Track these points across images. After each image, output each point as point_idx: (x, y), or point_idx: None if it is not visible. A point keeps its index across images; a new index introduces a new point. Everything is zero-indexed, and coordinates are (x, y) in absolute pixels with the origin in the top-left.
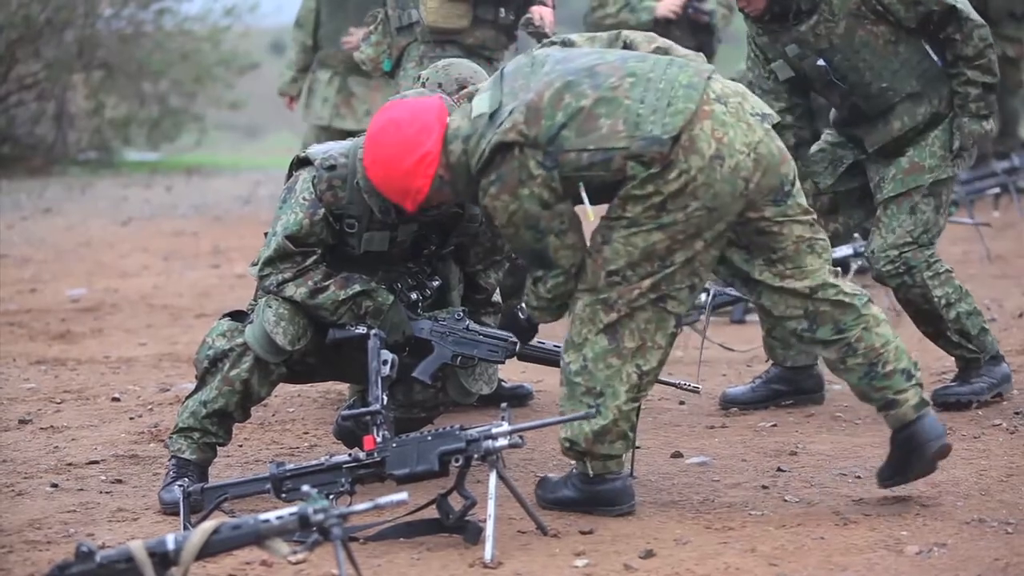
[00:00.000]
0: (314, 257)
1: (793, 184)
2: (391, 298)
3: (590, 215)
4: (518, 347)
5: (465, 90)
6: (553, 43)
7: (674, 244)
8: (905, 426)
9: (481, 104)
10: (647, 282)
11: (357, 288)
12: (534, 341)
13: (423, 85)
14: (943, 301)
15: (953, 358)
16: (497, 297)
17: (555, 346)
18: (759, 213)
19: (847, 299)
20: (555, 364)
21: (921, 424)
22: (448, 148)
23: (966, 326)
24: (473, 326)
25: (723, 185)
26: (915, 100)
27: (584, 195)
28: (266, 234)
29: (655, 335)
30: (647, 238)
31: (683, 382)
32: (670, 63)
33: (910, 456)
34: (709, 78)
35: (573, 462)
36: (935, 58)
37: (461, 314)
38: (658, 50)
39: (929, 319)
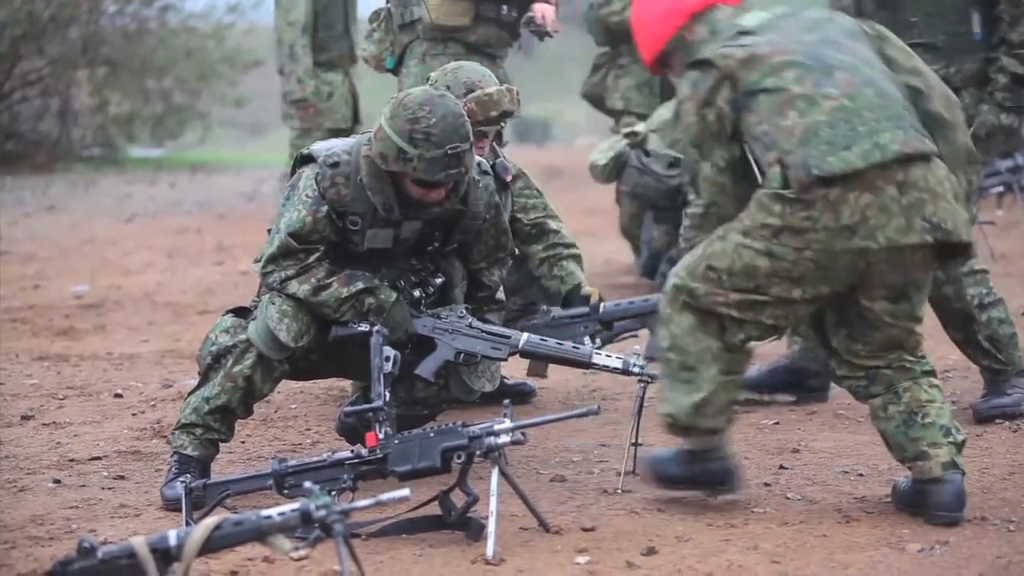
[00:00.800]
0: (317, 254)
1: (919, 291)
2: (394, 295)
3: (759, 178)
4: (521, 344)
5: (473, 94)
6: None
7: (775, 277)
8: (927, 481)
9: (748, 19)
10: (735, 296)
11: (360, 285)
12: (536, 337)
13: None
14: (976, 301)
15: (954, 358)
16: (501, 295)
17: (558, 343)
18: (870, 302)
19: (909, 364)
20: (557, 361)
21: (941, 487)
22: (699, 21)
23: (997, 332)
24: (476, 323)
25: (842, 257)
26: (932, 55)
27: (751, 157)
28: (269, 231)
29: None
30: (754, 258)
31: None
32: (897, 118)
33: (920, 507)
34: (912, 157)
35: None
36: (976, 29)
37: (464, 311)
38: (913, 73)
39: (960, 321)
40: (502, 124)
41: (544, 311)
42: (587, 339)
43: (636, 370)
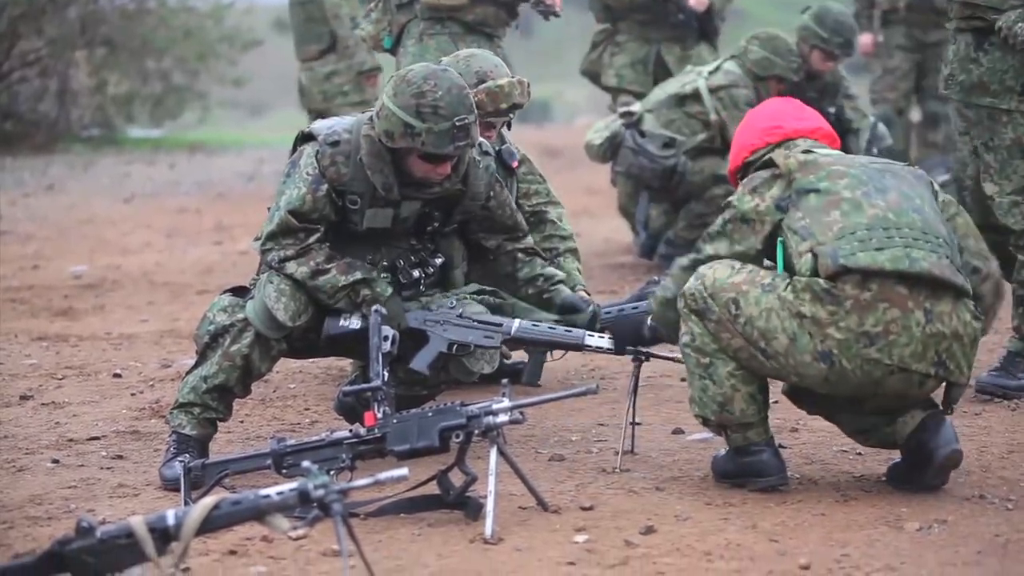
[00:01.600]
0: (317, 235)
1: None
2: (390, 289)
3: (780, 268)
4: (513, 331)
5: (484, 84)
6: None
7: (783, 358)
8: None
9: (823, 150)
10: (740, 341)
11: (358, 275)
12: (528, 323)
13: None
14: None
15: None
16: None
17: (550, 327)
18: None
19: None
20: (549, 346)
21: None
22: (792, 142)
23: None
24: (467, 312)
25: (864, 366)
26: None
27: (780, 253)
28: (269, 209)
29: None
30: (778, 331)
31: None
32: (937, 245)
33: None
34: (942, 284)
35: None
36: None
37: (455, 301)
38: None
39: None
40: (511, 115)
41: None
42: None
43: (629, 350)
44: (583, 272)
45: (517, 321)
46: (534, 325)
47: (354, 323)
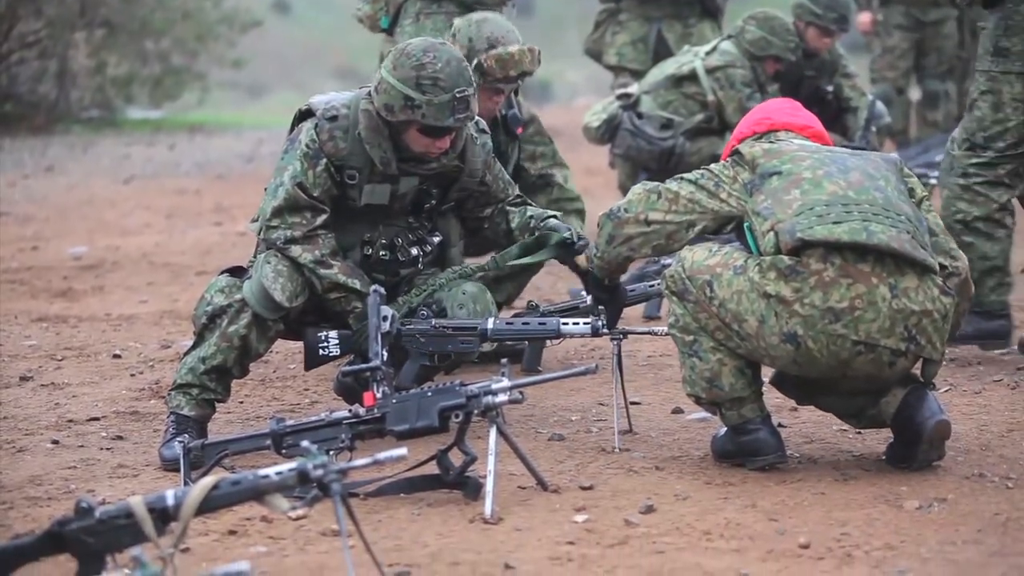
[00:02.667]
0: (324, 216)
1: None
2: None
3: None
4: (489, 332)
5: (494, 50)
6: None
7: (755, 340)
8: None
9: (788, 146)
10: (715, 322)
11: (356, 285)
12: (502, 322)
13: (453, 36)
14: None
15: None
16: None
17: (524, 322)
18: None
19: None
20: (526, 339)
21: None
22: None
23: None
24: (440, 322)
25: (830, 344)
26: None
27: (751, 241)
28: (266, 189)
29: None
30: (747, 312)
31: (659, 329)
32: (898, 222)
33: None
34: (903, 258)
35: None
36: None
37: (427, 313)
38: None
39: None
40: (520, 81)
41: (534, 306)
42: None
43: (606, 331)
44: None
45: (491, 321)
46: (507, 323)
47: (333, 351)
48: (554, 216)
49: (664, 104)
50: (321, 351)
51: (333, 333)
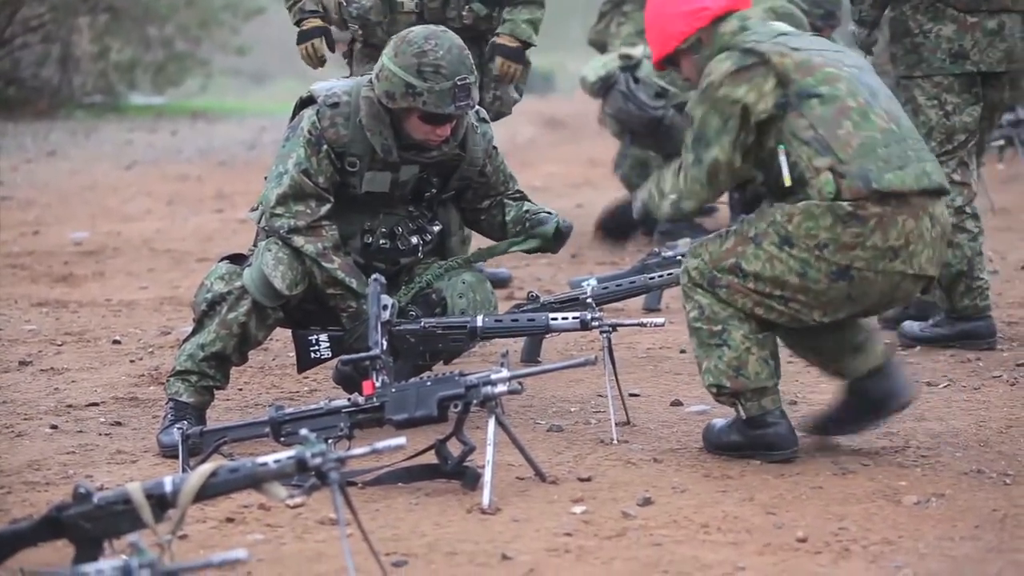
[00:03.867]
0: (327, 206)
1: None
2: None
3: (787, 180)
4: (479, 330)
5: None
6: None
7: (801, 295)
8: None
9: (780, 26)
10: (753, 298)
11: (355, 284)
12: (491, 319)
13: None
14: None
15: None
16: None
17: (513, 319)
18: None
19: None
20: (516, 335)
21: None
22: (725, 22)
23: None
24: (429, 322)
25: (879, 281)
26: None
27: (784, 163)
28: (266, 178)
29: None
30: (786, 272)
31: (648, 320)
32: (930, 152)
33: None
34: (943, 192)
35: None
36: None
37: (416, 311)
38: None
39: None
40: None
41: (535, 297)
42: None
43: (595, 324)
44: (583, 242)
45: (480, 317)
46: (497, 320)
47: (325, 353)
48: (547, 212)
49: (662, 73)
50: (312, 353)
51: (324, 336)
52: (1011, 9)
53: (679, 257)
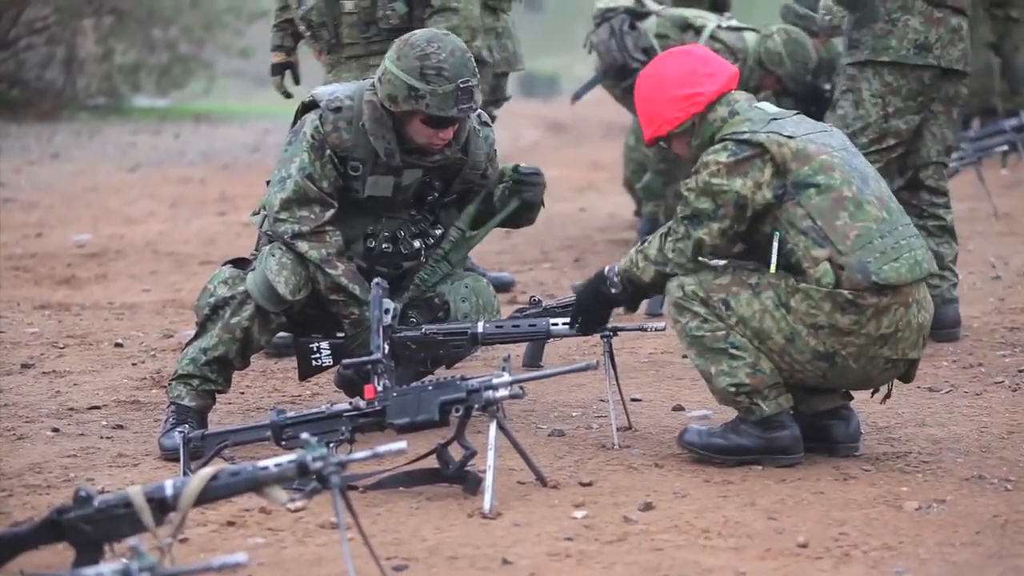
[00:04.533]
0: (331, 212)
1: None
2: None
3: (774, 267)
4: (480, 336)
5: None
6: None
7: (778, 354)
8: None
9: (768, 106)
10: (729, 334)
11: (357, 291)
12: (492, 324)
13: None
14: None
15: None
16: None
17: (514, 324)
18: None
19: None
20: (517, 340)
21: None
22: (716, 106)
23: None
24: (430, 328)
25: (868, 364)
26: None
27: (775, 250)
28: (268, 182)
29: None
30: (774, 331)
31: (649, 325)
32: (917, 235)
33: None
34: (931, 274)
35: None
36: None
37: (415, 319)
38: None
39: None
40: None
41: (537, 301)
42: None
43: (596, 330)
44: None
45: (481, 324)
46: (497, 326)
47: (326, 361)
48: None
49: (660, 34)
50: (314, 361)
51: (325, 343)
52: (965, 12)
53: None
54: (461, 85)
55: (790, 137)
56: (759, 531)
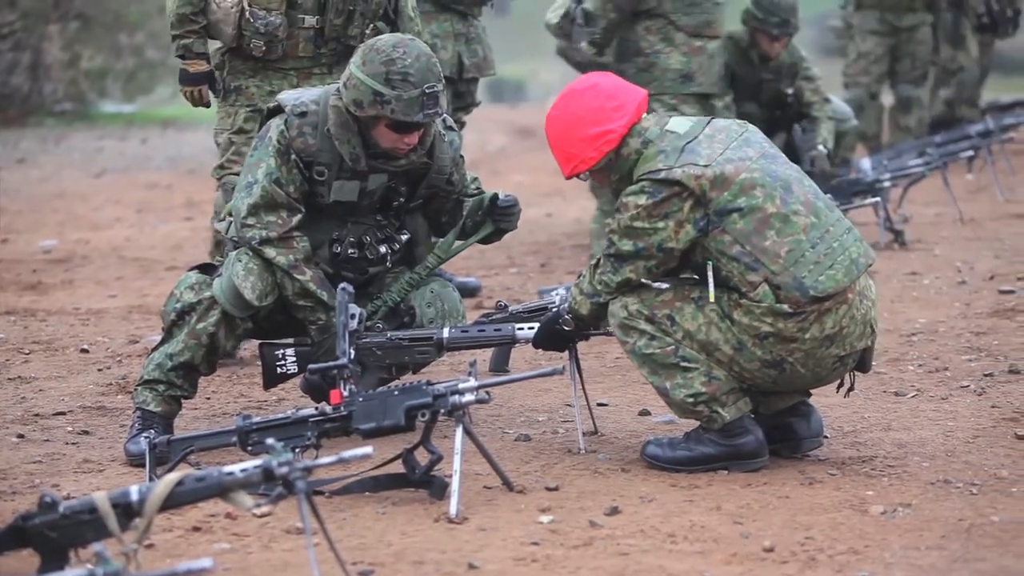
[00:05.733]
0: (299, 217)
1: None
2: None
3: (712, 296)
4: (445, 341)
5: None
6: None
7: (730, 362)
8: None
9: (678, 125)
10: (679, 348)
11: (325, 297)
12: (457, 330)
13: None
14: None
15: (921, 321)
16: None
17: (479, 329)
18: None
19: None
20: (483, 346)
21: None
22: (628, 139)
23: None
24: (395, 334)
25: (817, 365)
26: None
27: (711, 278)
28: (232, 188)
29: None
30: (721, 342)
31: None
32: (850, 230)
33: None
34: (869, 266)
35: (701, 420)
36: None
37: (381, 325)
38: None
39: None
40: None
41: (503, 306)
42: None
43: None
44: (553, 251)
45: (446, 329)
46: (463, 331)
47: (291, 368)
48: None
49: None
50: (279, 369)
51: (291, 351)
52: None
53: None
54: (427, 90)
55: (706, 166)
56: (725, 535)
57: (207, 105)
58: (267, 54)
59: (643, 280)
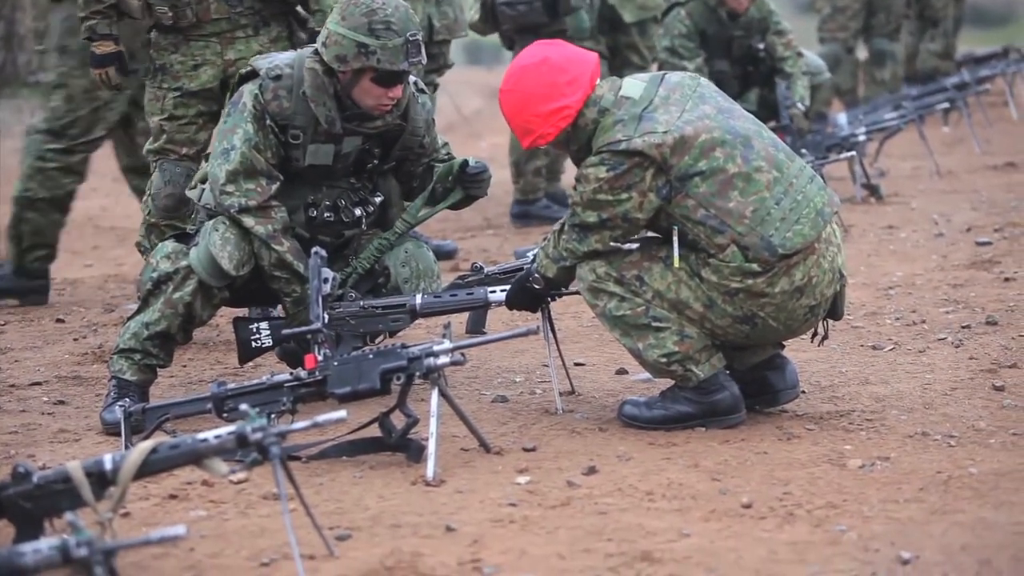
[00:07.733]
0: (277, 185)
1: None
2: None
3: (676, 262)
4: (418, 307)
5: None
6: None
7: (698, 321)
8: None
9: (632, 89)
10: (649, 308)
11: (301, 269)
12: (430, 296)
13: None
14: None
15: (898, 275)
16: None
17: (451, 294)
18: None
19: None
20: (455, 311)
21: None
22: (584, 111)
23: None
24: (368, 303)
25: (789, 318)
26: None
27: (676, 243)
28: (208, 155)
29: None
30: (691, 300)
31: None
32: (812, 179)
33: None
34: (835, 213)
35: (677, 379)
36: None
37: (354, 295)
38: None
39: None
40: None
41: (478, 268)
42: None
43: None
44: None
45: (419, 297)
46: (436, 297)
47: (266, 342)
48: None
49: None
50: (254, 343)
51: (264, 324)
52: None
53: None
54: (410, 38)
55: (665, 132)
56: (703, 492)
57: (118, 87)
58: (177, 21)
59: (609, 246)
